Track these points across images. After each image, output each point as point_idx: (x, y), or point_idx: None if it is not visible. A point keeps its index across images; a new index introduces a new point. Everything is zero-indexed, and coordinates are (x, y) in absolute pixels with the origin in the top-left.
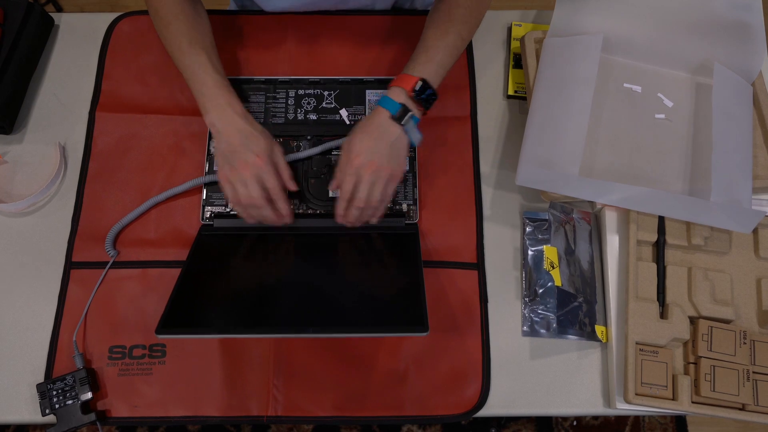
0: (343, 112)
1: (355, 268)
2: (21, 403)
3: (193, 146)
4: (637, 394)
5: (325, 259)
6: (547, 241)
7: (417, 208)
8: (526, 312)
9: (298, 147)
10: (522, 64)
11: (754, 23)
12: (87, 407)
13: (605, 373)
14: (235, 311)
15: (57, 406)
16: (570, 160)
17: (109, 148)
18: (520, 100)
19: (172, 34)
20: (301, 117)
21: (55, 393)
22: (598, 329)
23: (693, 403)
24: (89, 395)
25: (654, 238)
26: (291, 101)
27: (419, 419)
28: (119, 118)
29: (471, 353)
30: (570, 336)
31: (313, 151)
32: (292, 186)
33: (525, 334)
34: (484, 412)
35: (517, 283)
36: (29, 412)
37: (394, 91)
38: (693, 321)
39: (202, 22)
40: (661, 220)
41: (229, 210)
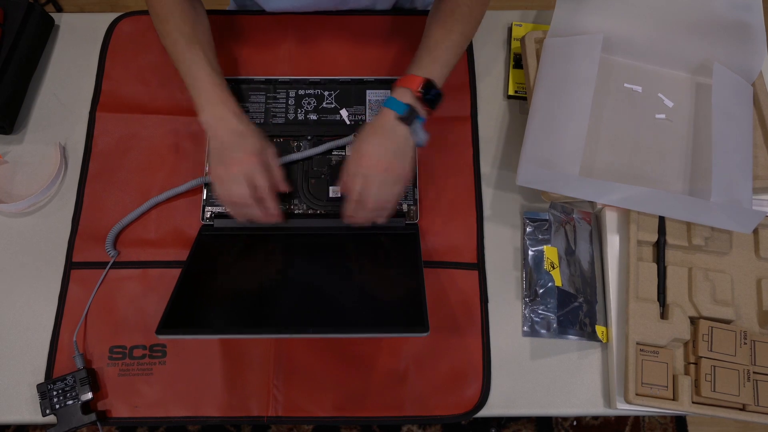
0: (344, 113)
1: (355, 269)
2: (21, 404)
3: (193, 146)
4: (637, 395)
5: (326, 260)
6: (547, 242)
7: (417, 209)
8: (526, 312)
9: (299, 147)
10: (522, 64)
11: (754, 23)
12: (87, 407)
13: (605, 374)
14: (236, 311)
15: (57, 407)
16: (570, 160)
17: (109, 148)
18: (521, 101)
19: (170, 32)
20: (301, 117)
21: (55, 393)
22: (599, 329)
23: (693, 403)
24: (89, 395)
25: (654, 238)
26: (291, 101)
27: (419, 419)
28: (119, 118)
29: (471, 353)
30: (570, 336)
31: (304, 154)
32: (284, 187)
33: (525, 334)
34: (484, 413)
35: (518, 284)
36: (29, 412)
37: (399, 92)
38: (693, 321)
39: (200, 20)
40: (662, 221)
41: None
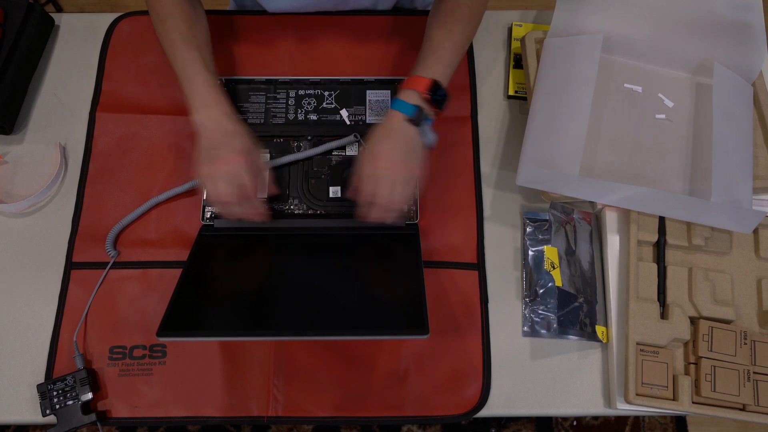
0: (344, 113)
1: (355, 269)
2: (21, 404)
3: (193, 146)
4: (637, 395)
5: (326, 260)
6: (547, 242)
7: (417, 209)
8: (526, 312)
9: (299, 147)
10: (522, 65)
11: (754, 23)
12: (87, 407)
13: (606, 374)
14: (236, 313)
15: (57, 407)
16: (570, 160)
17: (109, 149)
18: (521, 101)
19: (167, 30)
20: (301, 117)
21: (55, 393)
22: (599, 329)
23: (693, 403)
24: (89, 395)
25: (654, 238)
26: (291, 101)
27: (419, 419)
28: (119, 119)
29: (471, 353)
30: (570, 336)
31: (302, 155)
32: (271, 190)
33: (525, 334)
34: (485, 413)
35: (518, 284)
36: (29, 412)
37: (406, 94)
38: (693, 321)
39: (198, 20)
40: (662, 221)
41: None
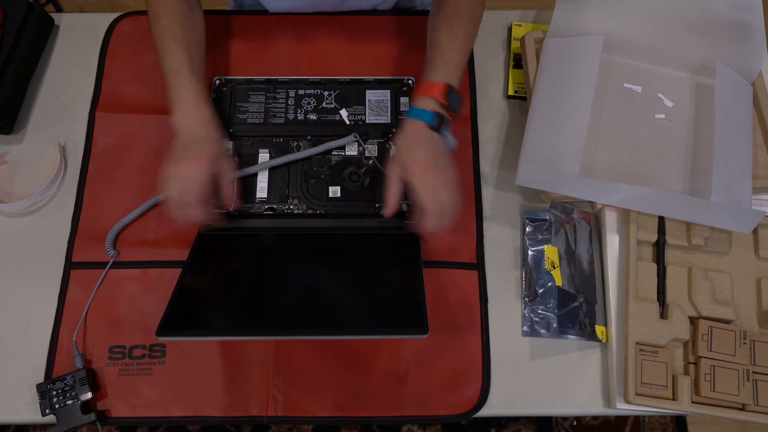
0: (343, 113)
1: (355, 269)
2: (21, 403)
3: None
4: (637, 394)
5: (326, 260)
6: (547, 241)
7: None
8: (526, 312)
9: (298, 147)
10: (522, 65)
11: (754, 23)
12: (87, 407)
13: (605, 373)
14: (235, 312)
15: (57, 406)
16: (570, 160)
17: (109, 148)
18: (520, 101)
19: (160, 30)
20: (301, 117)
21: (55, 393)
22: (599, 329)
23: (693, 403)
24: (89, 395)
25: (654, 238)
26: (291, 101)
27: (419, 419)
28: (119, 118)
29: (471, 353)
30: (570, 336)
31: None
32: (228, 203)
33: (525, 334)
34: (484, 412)
35: (517, 283)
36: (29, 412)
37: (424, 101)
38: (693, 321)
39: (193, 21)
40: (661, 220)
41: (228, 210)
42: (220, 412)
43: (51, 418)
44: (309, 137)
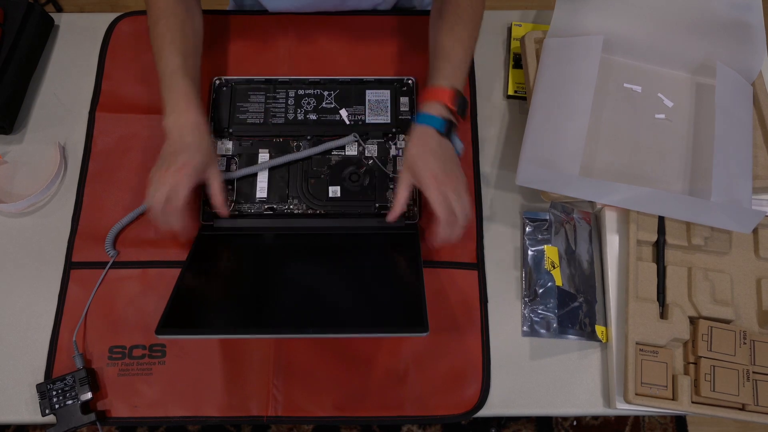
0: (343, 112)
1: (355, 268)
2: (21, 403)
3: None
4: (637, 394)
5: (325, 259)
6: (547, 241)
7: (417, 208)
8: (526, 312)
9: (298, 147)
10: (522, 64)
11: (754, 23)
12: (87, 407)
13: (605, 373)
14: (235, 311)
15: (57, 407)
16: (570, 160)
17: (109, 148)
18: (520, 100)
19: (157, 33)
20: (301, 117)
21: (54, 393)
22: (598, 329)
23: (693, 403)
24: (89, 395)
25: (654, 238)
26: (291, 101)
27: (419, 419)
28: (119, 118)
29: (471, 353)
30: (570, 336)
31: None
32: (220, 210)
33: (525, 334)
34: (484, 412)
35: (517, 283)
36: (29, 412)
37: (432, 107)
38: (693, 321)
39: (190, 24)
40: (661, 220)
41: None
42: (220, 412)
43: (51, 418)
44: (309, 137)
